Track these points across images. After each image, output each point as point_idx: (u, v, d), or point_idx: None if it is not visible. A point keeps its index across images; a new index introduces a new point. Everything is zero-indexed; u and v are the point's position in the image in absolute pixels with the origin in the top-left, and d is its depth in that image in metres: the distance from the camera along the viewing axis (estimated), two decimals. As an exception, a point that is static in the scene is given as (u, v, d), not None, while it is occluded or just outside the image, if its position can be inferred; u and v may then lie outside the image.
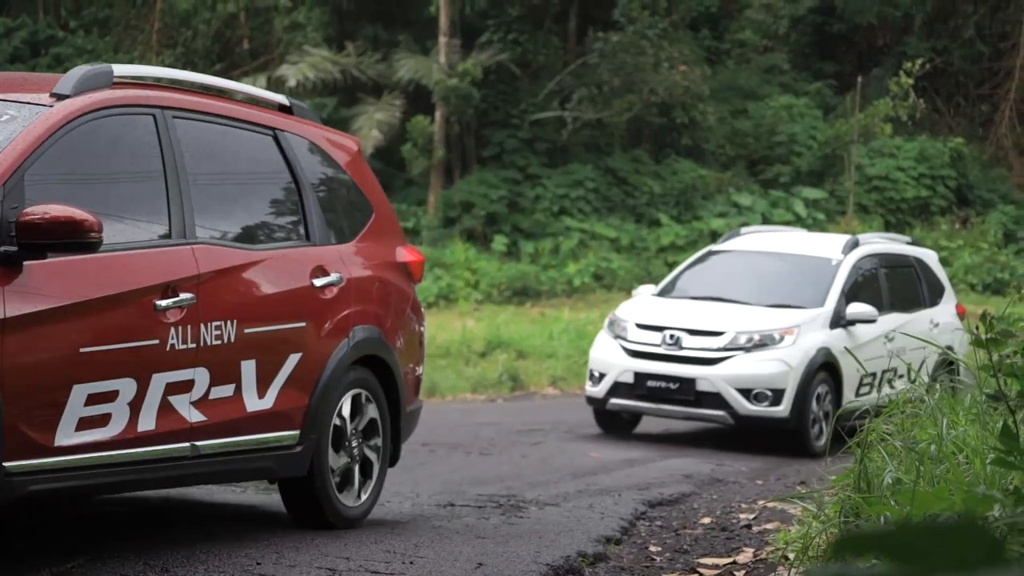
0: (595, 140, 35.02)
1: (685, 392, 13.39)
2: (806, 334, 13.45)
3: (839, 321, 13.78)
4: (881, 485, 6.30)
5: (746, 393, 13.21)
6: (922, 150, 36.53)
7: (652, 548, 7.77)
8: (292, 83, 33.77)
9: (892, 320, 14.33)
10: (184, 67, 37.01)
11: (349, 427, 7.97)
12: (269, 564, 6.57)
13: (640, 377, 13.54)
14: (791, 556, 6.90)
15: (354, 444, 8.01)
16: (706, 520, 8.80)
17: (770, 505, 9.18)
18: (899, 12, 38.68)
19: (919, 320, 14.83)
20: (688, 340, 13.43)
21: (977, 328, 5.49)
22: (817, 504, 6.98)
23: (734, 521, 8.70)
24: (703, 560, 7.36)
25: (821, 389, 13.49)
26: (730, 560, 7.30)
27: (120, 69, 7.39)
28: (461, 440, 12.83)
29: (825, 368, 13.54)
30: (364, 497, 8.13)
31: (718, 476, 11.33)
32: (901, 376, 13.94)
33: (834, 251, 14.43)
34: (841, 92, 38.19)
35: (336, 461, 7.87)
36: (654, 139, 35.93)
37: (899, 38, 39.60)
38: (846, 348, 13.26)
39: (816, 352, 13.41)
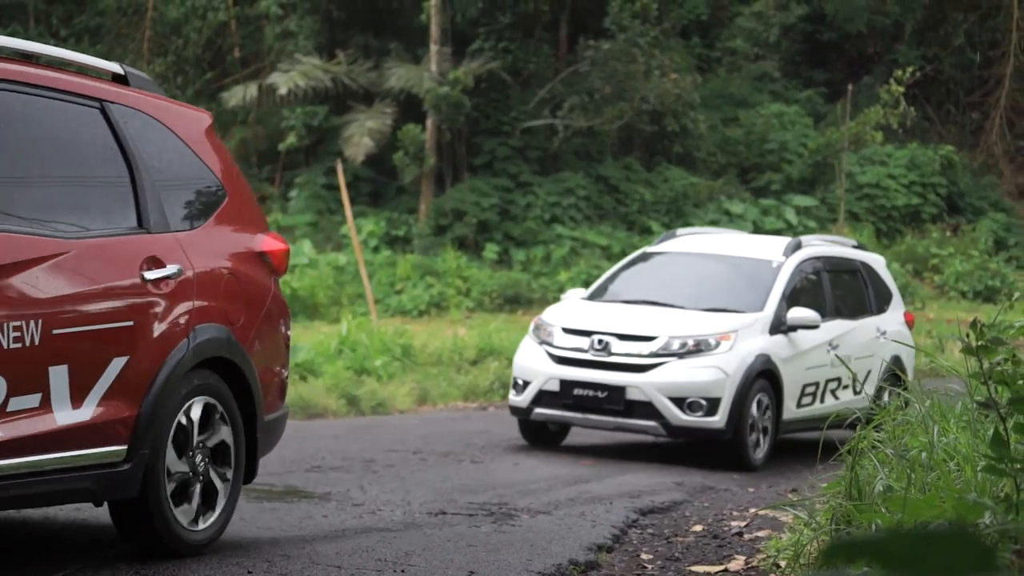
0: (586, 148, 35.04)
1: (614, 401, 12.54)
2: (744, 340, 12.69)
3: (780, 327, 13.03)
4: (872, 492, 6.30)
5: (679, 402, 12.39)
6: (913, 158, 36.59)
7: (644, 556, 7.76)
8: (283, 91, 33.79)
9: (836, 327, 13.78)
10: (176, 76, 37.05)
11: (195, 435, 7.07)
12: (260, 572, 6.56)
13: (566, 385, 12.73)
14: (782, 564, 6.89)
15: (199, 459, 7.08)
16: (698, 528, 8.80)
17: (761, 513, 9.18)
18: (889, 20, 38.75)
19: (865, 328, 14.31)
20: (617, 345, 12.64)
21: (968, 335, 5.50)
22: (808, 512, 6.98)
23: (726, 529, 8.70)
24: (695, 568, 7.35)
25: (760, 398, 12.71)
26: (722, 568, 7.30)
27: None
28: (452, 448, 12.83)
29: (764, 376, 12.76)
30: (210, 521, 7.14)
31: (710, 484, 11.33)
32: (846, 387, 13.51)
33: (775, 253, 13.75)
34: (832, 100, 38.24)
35: (177, 467, 6.96)
36: (645, 147, 35.96)
37: (889, 46, 39.67)
38: (786, 356, 12.92)
39: (755, 359, 12.64)
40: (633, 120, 34.30)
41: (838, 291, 14.33)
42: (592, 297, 13.86)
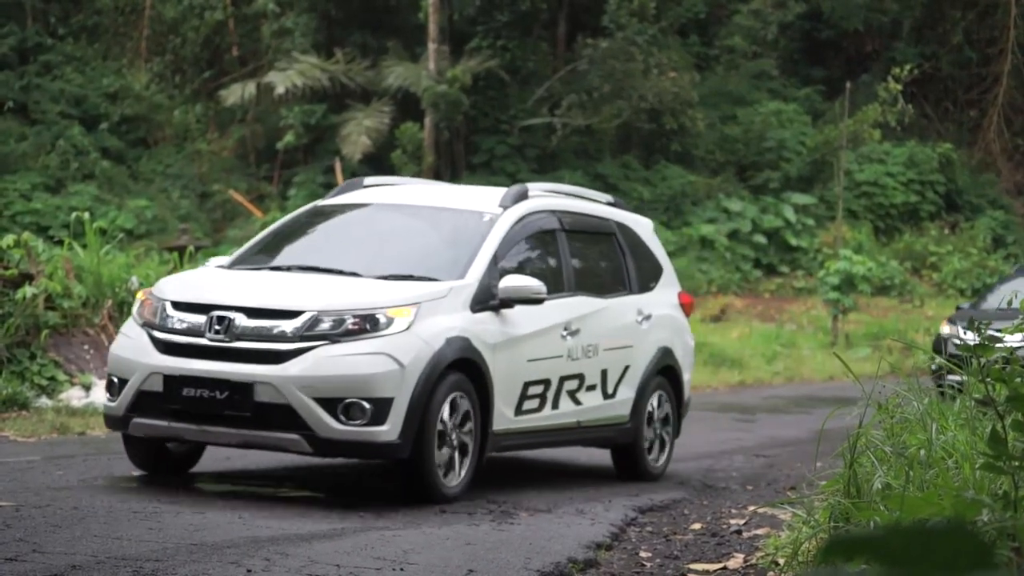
0: (584, 146, 35.04)
1: (238, 405, 9.07)
2: (431, 316, 9.30)
3: (487, 300, 9.74)
4: (871, 490, 6.30)
5: (330, 405, 8.98)
6: (911, 155, 36.60)
7: (643, 554, 7.77)
8: (281, 90, 33.79)
9: (576, 306, 10.66)
10: (173, 75, 37.04)
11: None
12: (259, 571, 6.56)
13: (172, 383, 9.21)
14: (781, 561, 6.90)
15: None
16: (696, 526, 8.80)
17: (760, 511, 9.19)
18: (887, 18, 38.75)
19: (619, 309, 11.20)
20: (245, 325, 9.16)
21: (966, 332, 5.50)
22: (807, 510, 6.99)
23: (724, 527, 8.70)
24: (694, 566, 7.36)
25: (456, 400, 9.39)
26: (720, 566, 7.30)
27: None
28: (451, 447, 12.80)
29: (462, 368, 9.42)
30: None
31: (708, 482, 11.34)
32: (592, 387, 10.72)
33: (490, 204, 10.50)
34: (830, 98, 38.25)
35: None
36: (643, 145, 35.96)
37: (887, 44, 39.68)
38: (497, 341, 9.76)
39: (446, 344, 9.25)
40: (631, 118, 34.31)
41: (582, 259, 11.23)
42: (235, 264, 10.40)
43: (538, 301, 9.93)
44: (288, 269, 10.11)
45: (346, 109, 34.43)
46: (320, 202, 11.29)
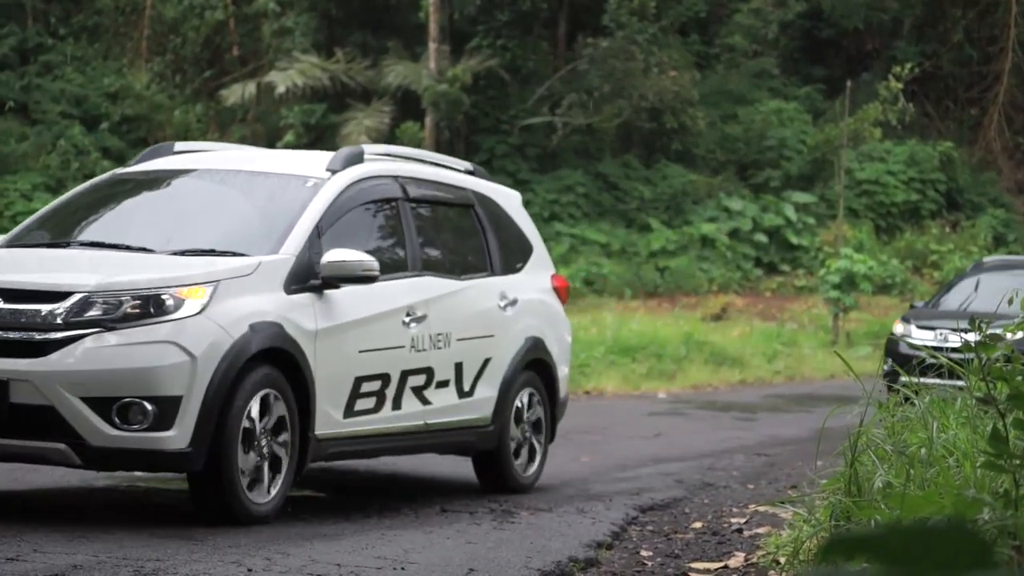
0: (585, 145, 35.04)
1: None
2: (231, 298, 7.87)
3: (307, 279, 8.32)
4: (872, 489, 6.30)
5: (103, 406, 7.56)
6: (912, 154, 36.60)
7: (643, 553, 7.77)
8: (281, 89, 33.78)
9: (423, 288, 9.28)
10: (174, 74, 37.05)
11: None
12: (260, 571, 6.56)
13: None
14: (782, 560, 6.90)
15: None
16: (697, 525, 8.80)
17: (761, 509, 9.19)
18: (888, 16, 38.75)
19: (478, 292, 9.86)
20: (1, 309, 7.69)
21: (967, 331, 5.50)
22: (808, 508, 6.99)
23: (725, 525, 8.70)
24: (694, 564, 7.36)
25: (268, 399, 8.00)
26: (721, 564, 7.30)
27: None
28: (452, 446, 12.80)
29: (272, 360, 8.06)
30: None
31: (709, 481, 11.33)
32: (444, 384, 9.37)
33: (317, 168, 9.07)
34: (830, 96, 38.25)
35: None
36: (644, 144, 35.97)
37: (888, 42, 39.68)
38: (317, 327, 8.27)
39: (250, 330, 7.93)
40: (632, 117, 34.31)
41: (431, 234, 9.87)
42: (11, 242, 8.92)
43: (369, 279, 8.45)
44: (67, 245, 8.63)
45: (346, 108, 34.43)
46: (120, 170, 9.70)
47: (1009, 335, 6.23)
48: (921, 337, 18.06)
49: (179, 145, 9.80)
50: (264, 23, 36.96)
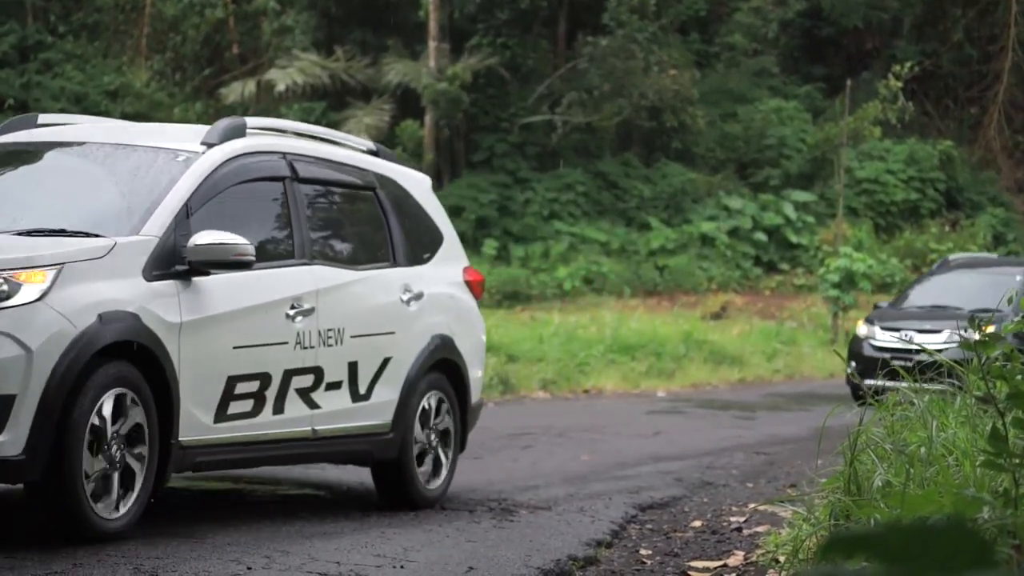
0: (585, 144, 35.04)
1: None
2: (78, 284, 6.98)
3: (171, 264, 7.43)
4: (871, 488, 6.30)
5: None
6: (911, 153, 36.61)
7: (643, 551, 7.77)
8: (281, 87, 33.79)
9: (311, 277, 8.31)
10: (174, 72, 37.04)
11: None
12: (259, 569, 6.56)
13: None
14: (781, 559, 6.90)
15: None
16: (697, 523, 8.80)
17: (760, 508, 9.19)
18: (887, 15, 38.75)
19: (377, 284, 8.92)
20: None
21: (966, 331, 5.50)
22: (807, 507, 6.99)
23: (724, 524, 8.70)
24: (694, 563, 7.36)
25: (122, 400, 7.11)
26: (720, 563, 7.30)
27: None
28: (451, 444, 12.80)
29: (128, 355, 7.17)
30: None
31: (708, 479, 11.33)
32: (336, 385, 8.41)
33: (192, 141, 8.11)
34: (830, 95, 38.25)
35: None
36: (644, 143, 35.96)
37: (888, 41, 39.68)
38: (183, 319, 7.37)
39: (99, 321, 6.99)
40: (632, 116, 34.31)
41: (324, 218, 8.96)
42: None
43: (243, 265, 7.52)
44: None
45: (346, 107, 34.43)
46: None
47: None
48: (886, 338, 18.04)
49: (43, 117, 8.76)
50: (264, 21, 36.97)
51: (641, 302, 30.61)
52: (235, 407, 7.65)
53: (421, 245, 9.51)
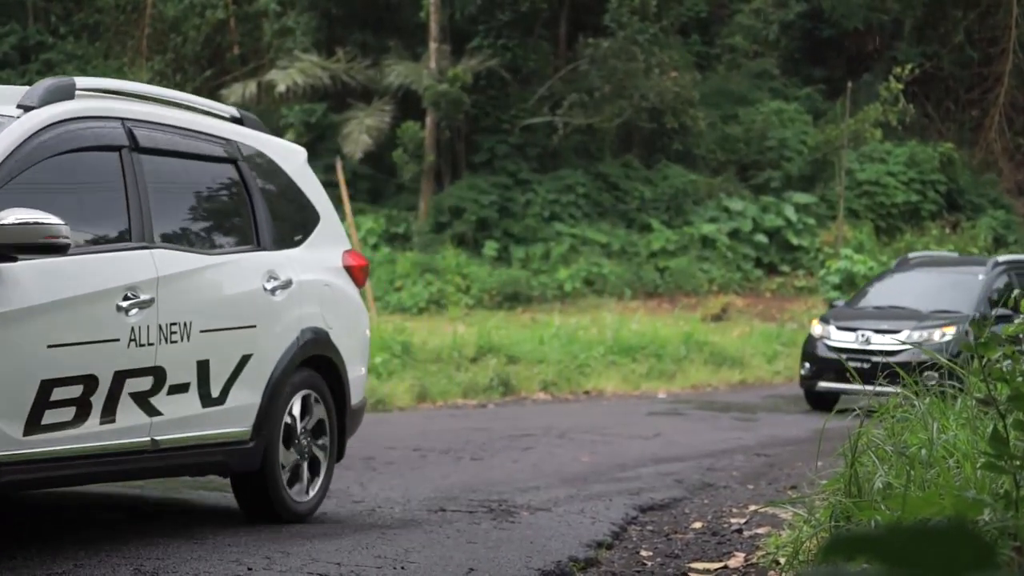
0: (586, 145, 35.04)
1: None
2: None
3: None
4: (872, 489, 6.30)
5: None
6: (912, 155, 36.60)
7: (643, 553, 7.77)
8: (282, 88, 33.79)
9: (150, 263, 7.24)
10: (175, 73, 37.04)
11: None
12: (260, 569, 6.57)
13: None
14: (782, 560, 6.90)
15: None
16: (697, 525, 8.80)
17: (761, 510, 9.19)
18: (888, 17, 38.75)
19: (234, 270, 7.82)
20: None
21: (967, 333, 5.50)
22: (808, 509, 6.99)
23: (725, 526, 8.70)
24: (694, 565, 7.36)
25: None
26: (721, 565, 7.30)
27: None
28: (452, 445, 12.83)
29: None
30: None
31: (709, 481, 11.33)
32: (182, 388, 7.35)
33: (7, 104, 7.12)
34: (831, 97, 38.25)
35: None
36: (645, 144, 35.96)
37: (889, 43, 39.68)
38: None
39: None
40: (632, 117, 34.31)
41: (170, 195, 7.72)
42: None
43: (57, 249, 6.49)
44: None
45: (347, 108, 34.43)
46: None
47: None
48: (841, 339, 17.57)
49: None
50: (265, 22, 36.97)
51: (642, 304, 30.61)
52: (51, 416, 6.55)
53: (292, 226, 8.43)
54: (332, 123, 34.46)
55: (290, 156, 8.66)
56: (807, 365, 17.89)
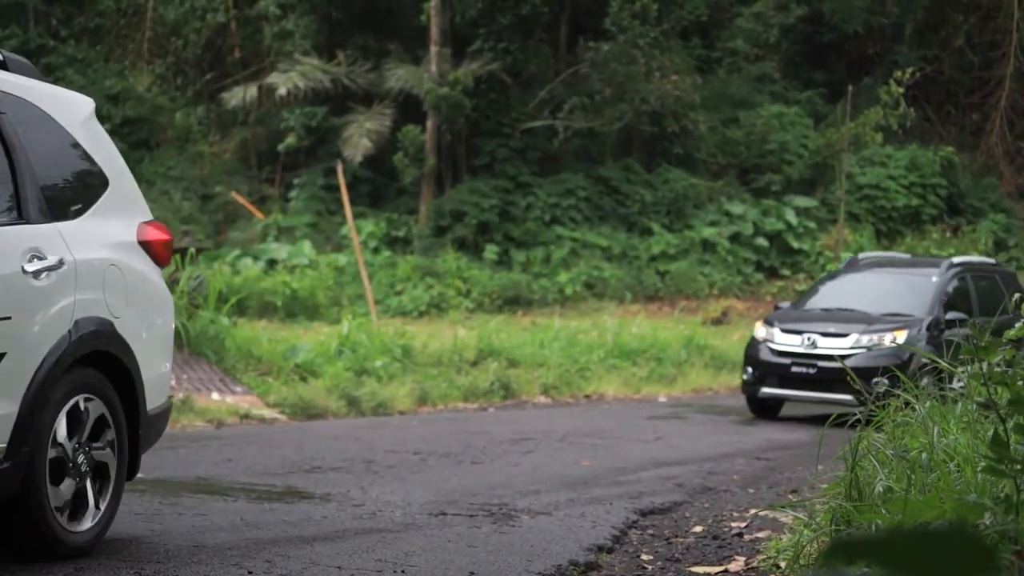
0: (586, 149, 35.05)
1: None
2: None
3: None
4: (872, 493, 6.30)
5: None
6: (913, 159, 36.60)
7: (644, 557, 7.76)
8: (282, 91, 33.81)
9: None
10: (175, 76, 37.07)
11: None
12: (260, 573, 6.57)
13: None
14: (782, 564, 6.90)
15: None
16: (698, 529, 8.80)
17: (761, 514, 9.18)
18: (889, 21, 38.77)
19: None
20: None
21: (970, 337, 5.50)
22: (808, 512, 6.99)
23: (726, 530, 8.70)
24: (695, 569, 7.35)
25: None
26: (722, 568, 7.30)
27: None
28: (452, 449, 12.82)
29: None
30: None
31: (709, 485, 11.32)
32: None
33: None
34: (831, 101, 38.26)
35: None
36: (645, 148, 35.96)
37: (889, 47, 39.68)
38: None
39: None
40: (633, 121, 34.31)
41: None
42: None
43: None
44: None
45: (348, 111, 34.43)
46: None
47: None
48: (786, 342, 16.80)
49: None
50: (265, 25, 36.98)
51: (642, 307, 30.61)
52: None
53: (69, 193, 6.95)
54: (333, 126, 34.46)
55: (69, 108, 7.10)
56: (749, 370, 17.11)
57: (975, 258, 19.30)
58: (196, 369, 15.87)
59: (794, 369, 16.61)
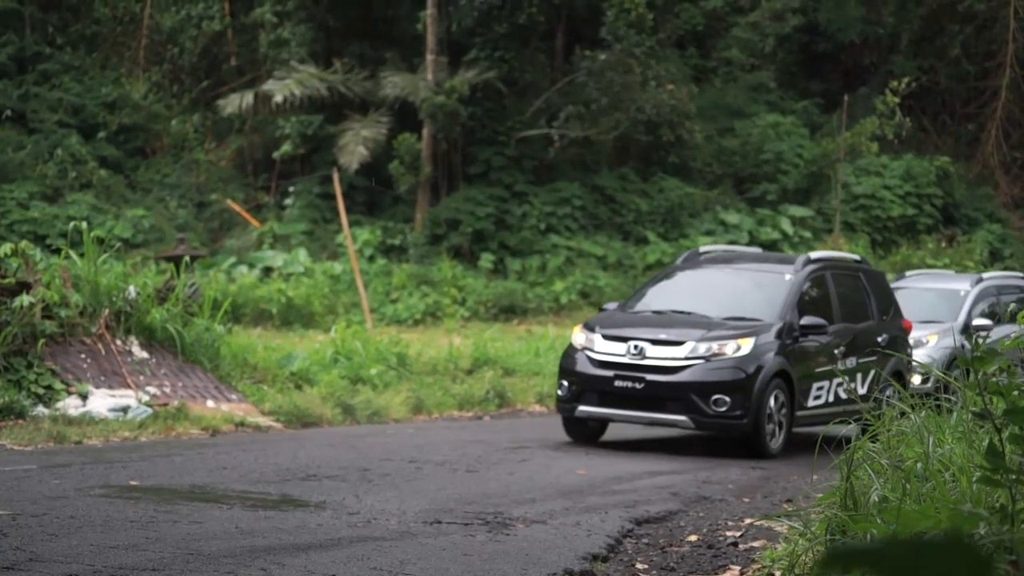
0: (582, 158, 35.05)
1: None
2: None
3: None
4: (867, 503, 6.30)
5: None
6: (908, 168, 36.63)
7: (639, 565, 7.76)
8: (279, 99, 33.79)
9: None
10: (171, 84, 37.08)
11: None
12: (255, 581, 6.56)
13: None
14: (777, 573, 6.89)
15: None
16: (693, 537, 8.80)
17: (756, 523, 9.18)
18: (885, 31, 38.81)
19: None
20: None
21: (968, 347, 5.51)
22: (803, 522, 6.98)
23: (720, 539, 8.70)
24: (690, 578, 7.35)
25: None
26: (717, 578, 7.30)
27: None
28: (448, 457, 12.82)
29: None
30: None
31: (704, 494, 11.32)
32: None
33: None
34: (827, 110, 38.29)
35: None
36: (641, 157, 35.97)
37: (885, 57, 39.72)
38: None
39: None
40: (629, 130, 34.32)
41: None
42: None
43: None
44: None
45: (344, 119, 34.43)
46: None
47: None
48: (608, 350, 14.23)
49: None
50: (261, 33, 36.98)
51: (638, 316, 30.60)
52: None
53: None
54: (329, 134, 34.46)
55: None
56: (564, 384, 14.53)
57: (836, 253, 16.92)
58: (191, 377, 15.86)
59: (617, 384, 14.06)
